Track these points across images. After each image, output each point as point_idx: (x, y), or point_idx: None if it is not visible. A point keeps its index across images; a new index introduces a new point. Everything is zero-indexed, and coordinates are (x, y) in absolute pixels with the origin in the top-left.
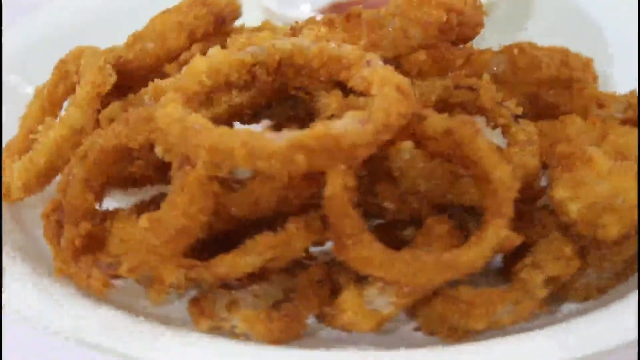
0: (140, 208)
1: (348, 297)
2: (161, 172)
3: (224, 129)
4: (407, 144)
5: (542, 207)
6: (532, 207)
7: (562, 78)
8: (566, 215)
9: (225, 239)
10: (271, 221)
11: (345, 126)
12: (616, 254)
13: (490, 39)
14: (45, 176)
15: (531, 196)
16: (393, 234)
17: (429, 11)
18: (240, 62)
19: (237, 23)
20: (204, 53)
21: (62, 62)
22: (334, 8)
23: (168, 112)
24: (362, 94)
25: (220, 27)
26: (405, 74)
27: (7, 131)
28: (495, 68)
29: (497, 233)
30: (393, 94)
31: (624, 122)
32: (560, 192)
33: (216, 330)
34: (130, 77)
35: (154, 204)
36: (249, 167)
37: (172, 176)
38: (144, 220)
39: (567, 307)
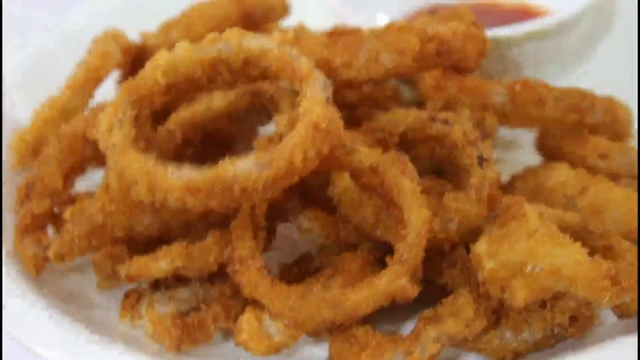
0: None
1: (247, 317)
2: None
3: (135, 158)
4: (347, 173)
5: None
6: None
7: (568, 122)
8: (479, 272)
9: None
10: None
11: (242, 171)
12: (536, 320)
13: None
14: (34, 151)
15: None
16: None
17: (406, 38)
18: (203, 58)
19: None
20: None
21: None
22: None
23: (102, 122)
24: None
25: (251, 24)
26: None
27: None
28: (496, 101)
29: (393, 280)
30: (306, 135)
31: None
32: (480, 246)
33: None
34: None
35: None
36: (150, 199)
37: (105, 173)
38: (68, 211)
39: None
